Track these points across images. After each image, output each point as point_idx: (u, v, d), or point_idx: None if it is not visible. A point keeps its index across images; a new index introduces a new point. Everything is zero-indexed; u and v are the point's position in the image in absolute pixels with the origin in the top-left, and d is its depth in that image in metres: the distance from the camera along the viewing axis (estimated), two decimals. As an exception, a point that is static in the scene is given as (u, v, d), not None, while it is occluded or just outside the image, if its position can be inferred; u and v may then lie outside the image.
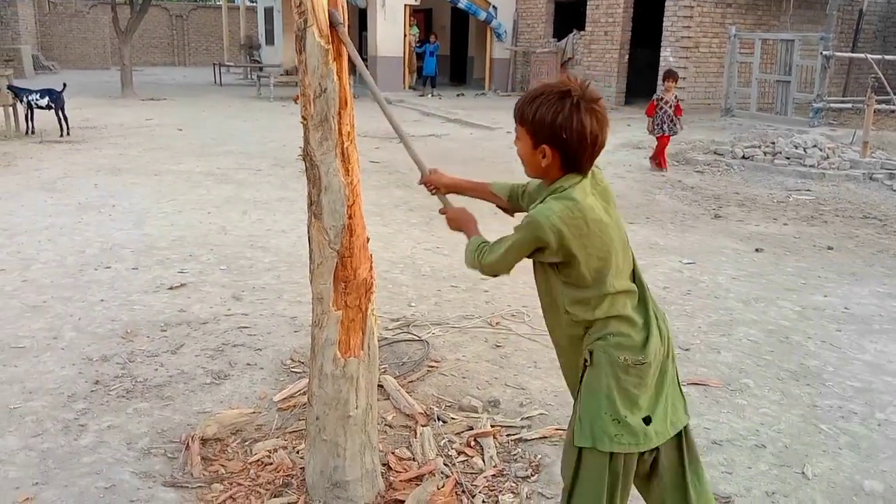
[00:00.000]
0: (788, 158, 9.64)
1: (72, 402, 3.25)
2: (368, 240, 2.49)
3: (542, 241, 1.81)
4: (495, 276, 2.05)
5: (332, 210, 2.31)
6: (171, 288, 4.74)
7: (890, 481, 2.81)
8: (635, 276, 1.96)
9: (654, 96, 9.40)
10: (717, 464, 2.89)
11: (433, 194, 2.39)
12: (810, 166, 9.29)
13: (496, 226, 2.47)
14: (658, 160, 9.45)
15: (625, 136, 12.11)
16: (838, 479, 2.83)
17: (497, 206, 2.33)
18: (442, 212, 2.32)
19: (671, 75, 9.16)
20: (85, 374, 3.53)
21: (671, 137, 9.37)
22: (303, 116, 2.27)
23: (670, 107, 9.06)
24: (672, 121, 9.08)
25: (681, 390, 2.02)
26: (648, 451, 1.96)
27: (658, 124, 9.14)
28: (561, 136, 1.79)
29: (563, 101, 1.78)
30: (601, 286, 1.86)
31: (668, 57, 15.38)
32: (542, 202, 1.87)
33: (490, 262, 1.98)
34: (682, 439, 2.01)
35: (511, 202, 2.25)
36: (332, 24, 2.18)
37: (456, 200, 2.30)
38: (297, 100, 2.30)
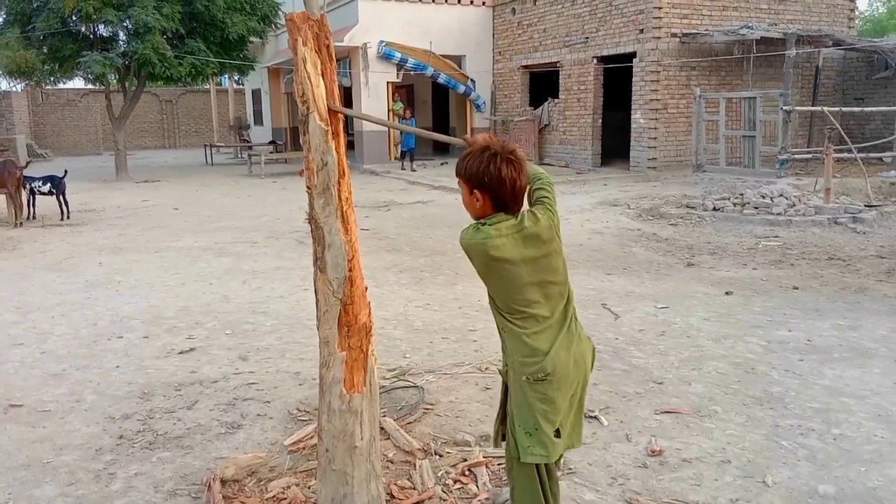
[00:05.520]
0: (757, 208, 10.17)
1: (100, 454, 3.56)
2: (366, 289, 2.88)
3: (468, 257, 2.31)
4: None
5: (335, 264, 2.71)
6: (181, 352, 5.07)
7: (842, 485, 3.15)
8: (566, 312, 2.34)
9: None
10: (686, 478, 3.22)
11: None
12: (777, 214, 9.81)
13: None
14: None
15: (601, 196, 12.69)
16: (796, 485, 3.16)
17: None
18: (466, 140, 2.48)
19: None
20: (109, 430, 3.83)
21: None
22: (308, 186, 2.69)
23: None
24: None
25: (581, 419, 2.47)
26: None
27: None
28: (484, 181, 2.24)
29: (483, 154, 2.25)
30: (506, 311, 2.31)
31: (638, 119, 16.17)
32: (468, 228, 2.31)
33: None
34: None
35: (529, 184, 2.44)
36: (330, 109, 2.63)
37: None
38: (302, 173, 2.73)
